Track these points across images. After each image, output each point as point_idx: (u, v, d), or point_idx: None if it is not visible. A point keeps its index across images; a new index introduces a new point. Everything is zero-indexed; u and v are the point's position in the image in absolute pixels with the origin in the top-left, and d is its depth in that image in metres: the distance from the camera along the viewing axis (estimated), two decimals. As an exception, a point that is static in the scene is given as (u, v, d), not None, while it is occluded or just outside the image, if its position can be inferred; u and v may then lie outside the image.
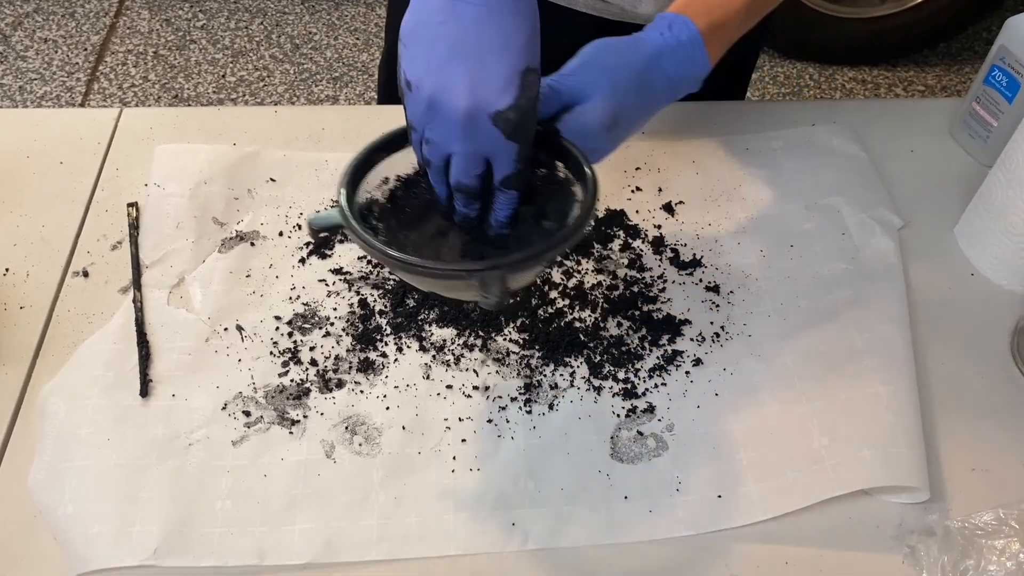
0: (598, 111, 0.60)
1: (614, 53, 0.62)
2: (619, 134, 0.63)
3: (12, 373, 0.68)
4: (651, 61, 0.62)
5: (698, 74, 0.65)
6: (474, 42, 0.53)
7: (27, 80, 2.19)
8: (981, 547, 0.54)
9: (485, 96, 0.53)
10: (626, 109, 0.62)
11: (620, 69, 0.61)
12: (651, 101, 0.64)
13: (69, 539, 0.59)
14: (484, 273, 0.54)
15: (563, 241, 0.55)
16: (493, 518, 0.61)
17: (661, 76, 0.63)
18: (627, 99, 0.61)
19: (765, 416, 0.66)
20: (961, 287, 0.76)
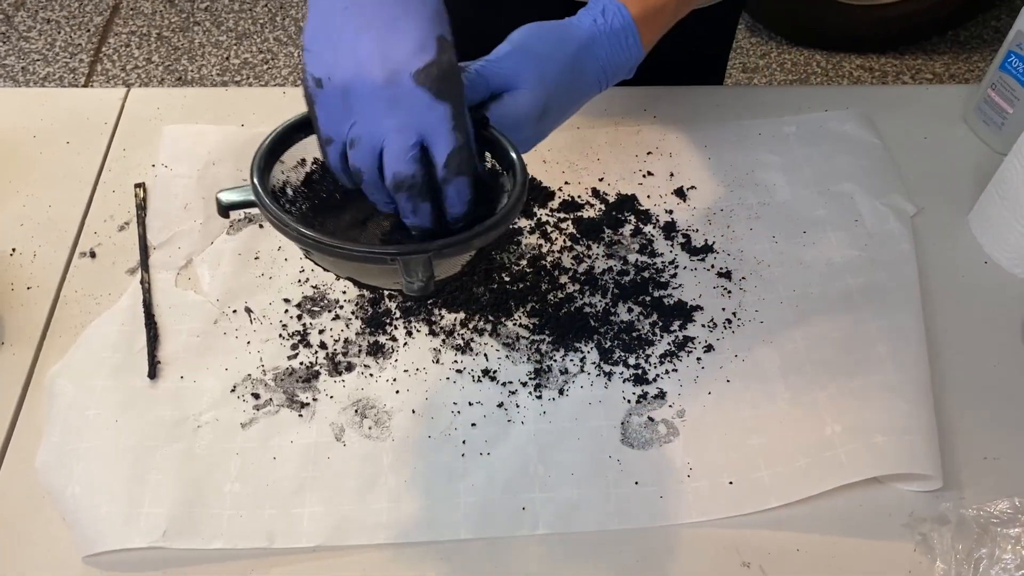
0: (528, 100, 0.58)
1: (545, 40, 0.60)
2: (549, 123, 0.61)
3: (19, 354, 0.68)
4: (583, 48, 0.60)
5: (631, 61, 0.63)
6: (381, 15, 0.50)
7: (30, 61, 2.18)
8: (995, 535, 0.54)
9: (401, 58, 0.49)
10: (556, 98, 0.60)
11: (551, 57, 0.59)
12: (582, 89, 0.62)
13: (77, 520, 0.58)
14: (408, 257, 0.50)
15: (490, 229, 0.52)
16: (503, 502, 0.60)
17: (593, 64, 0.61)
18: (557, 88, 0.59)
19: (777, 403, 0.65)
20: (974, 275, 0.75)
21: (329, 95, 0.50)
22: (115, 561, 0.57)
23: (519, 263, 0.74)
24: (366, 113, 0.50)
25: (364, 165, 0.51)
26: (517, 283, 0.72)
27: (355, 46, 0.50)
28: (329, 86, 0.50)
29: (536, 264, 0.74)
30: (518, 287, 0.72)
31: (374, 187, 0.52)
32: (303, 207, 0.57)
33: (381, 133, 0.50)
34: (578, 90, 0.62)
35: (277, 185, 0.56)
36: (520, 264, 0.74)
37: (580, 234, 0.76)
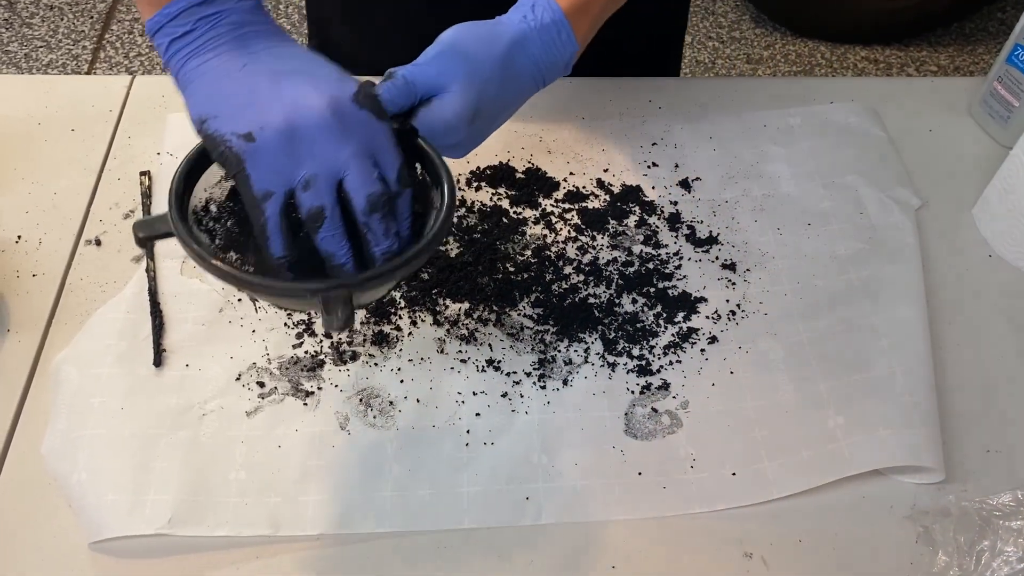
0: (456, 104, 0.57)
1: (473, 40, 0.58)
2: (483, 126, 0.60)
3: (25, 340, 0.68)
4: (513, 46, 0.59)
5: (565, 56, 0.62)
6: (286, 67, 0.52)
7: (33, 47, 2.18)
8: (997, 528, 0.54)
9: (334, 89, 0.51)
10: (487, 100, 0.58)
11: (480, 58, 0.58)
12: (517, 88, 0.61)
13: (83, 507, 0.59)
14: (328, 292, 0.48)
15: (415, 257, 0.51)
16: (507, 492, 0.61)
17: (526, 61, 0.60)
18: (488, 89, 0.58)
19: (780, 395, 0.66)
20: (978, 268, 0.75)
21: (266, 146, 0.49)
22: (121, 547, 0.58)
23: (523, 253, 0.74)
24: (318, 149, 0.50)
25: (325, 201, 0.50)
26: (522, 273, 0.72)
27: (279, 93, 0.50)
28: (264, 136, 0.49)
29: (541, 254, 0.74)
30: (523, 277, 0.72)
31: (334, 228, 0.51)
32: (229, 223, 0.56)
33: (340, 164, 0.50)
34: (512, 89, 0.60)
35: (199, 205, 0.55)
36: (525, 254, 0.74)
37: (585, 225, 0.76)
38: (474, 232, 0.75)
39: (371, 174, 0.51)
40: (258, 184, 0.50)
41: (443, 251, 0.74)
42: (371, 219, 0.51)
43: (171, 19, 0.53)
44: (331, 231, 0.51)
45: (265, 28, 0.55)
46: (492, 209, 0.77)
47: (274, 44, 0.55)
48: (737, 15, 2.35)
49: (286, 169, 0.50)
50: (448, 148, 0.60)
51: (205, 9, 0.53)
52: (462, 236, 0.75)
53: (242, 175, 0.50)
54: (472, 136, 0.60)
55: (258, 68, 0.52)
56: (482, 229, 0.75)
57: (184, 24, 0.53)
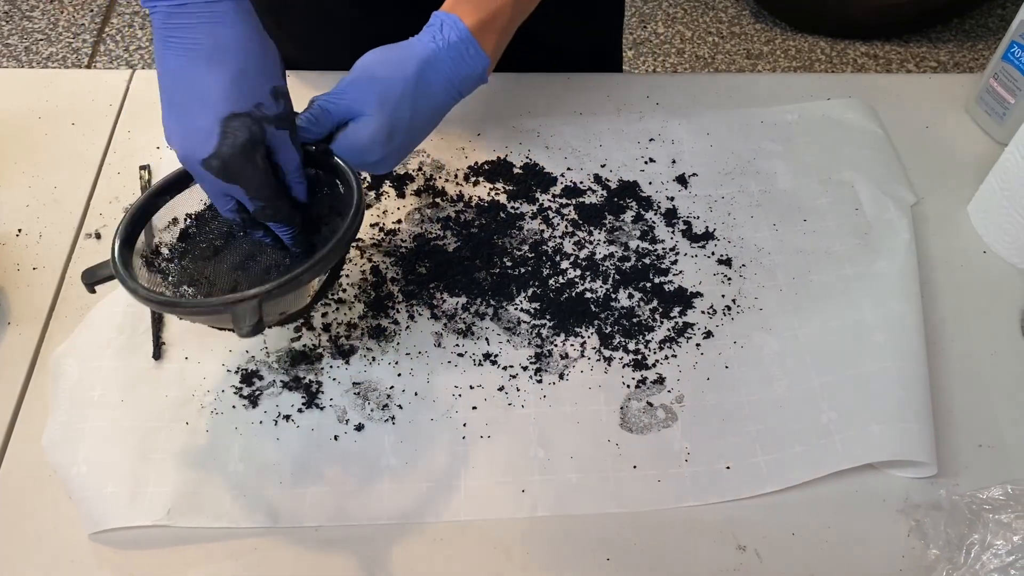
0: (370, 126, 0.62)
1: (385, 63, 0.63)
2: (401, 143, 0.64)
3: (26, 333, 0.68)
4: (424, 66, 0.63)
5: (478, 70, 0.65)
6: (180, 92, 0.57)
7: (33, 40, 2.18)
8: (987, 522, 0.55)
9: (192, 146, 0.56)
10: (402, 119, 0.63)
11: (390, 81, 0.62)
12: (431, 106, 0.65)
13: (83, 498, 0.59)
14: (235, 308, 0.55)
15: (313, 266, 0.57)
16: (503, 485, 0.61)
17: (438, 78, 0.64)
18: (401, 109, 0.62)
19: (774, 389, 0.66)
20: (973, 265, 0.76)
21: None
22: (121, 538, 0.58)
23: (521, 248, 0.74)
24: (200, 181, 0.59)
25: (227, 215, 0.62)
26: (519, 268, 0.73)
27: (167, 124, 0.58)
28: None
29: (538, 249, 0.74)
30: (520, 272, 0.73)
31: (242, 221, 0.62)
32: (186, 261, 0.65)
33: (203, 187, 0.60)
34: (427, 106, 0.64)
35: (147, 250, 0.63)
36: (522, 249, 0.74)
37: (582, 220, 0.77)
38: (472, 227, 0.75)
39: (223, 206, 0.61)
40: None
41: (441, 245, 0.74)
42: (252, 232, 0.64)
43: None
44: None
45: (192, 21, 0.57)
46: (490, 204, 0.77)
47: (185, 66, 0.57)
48: (737, 10, 2.35)
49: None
50: (370, 166, 0.65)
51: None
52: (459, 231, 0.75)
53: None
54: (392, 153, 0.65)
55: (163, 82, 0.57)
56: (480, 224, 0.76)
57: None
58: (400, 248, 0.74)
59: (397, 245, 0.74)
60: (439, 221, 0.76)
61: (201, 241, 0.66)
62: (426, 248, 0.74)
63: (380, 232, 0.75)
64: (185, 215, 0.66)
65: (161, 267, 0.63)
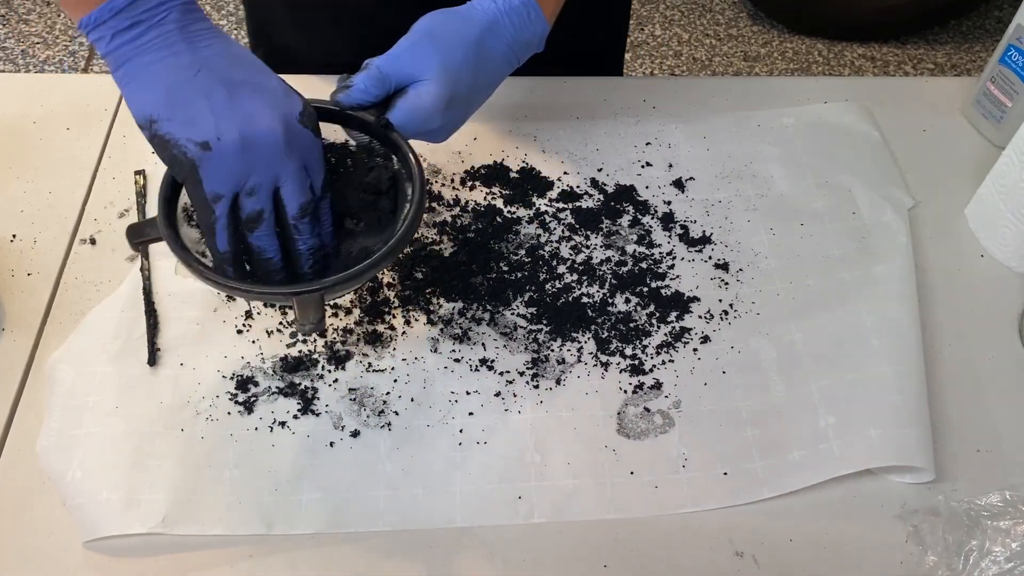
0: (431, 92, 0.59)
1: (447, 27, 0.61)
2: (460, 111, 0.62)
3: (20, 339, 0.68)
4: (486, 31, 0.61)
5: (537, 36, 0.64)
6: (238, 76, 0.54)
7: (30, 44, 2.17)
8: (986, 528, 0.55)
9: (284, 108, 0.54)
10: (463, 85, 0.61)
11: (453, 45, 0.60)
12: (492, 71, 0.63)
13: (78, 505, 0.59)
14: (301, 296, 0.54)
15: (383, 259, 0.56)
16: (499, 491, 0.61)
17: (500, 44, 0.62)
18: (463, 75, 0.60)
19: (772, 394, 0.66)
20: (970, 268, 0.76)
21: (221, 156, 0.53)
22: (116, 546, 0.58)
23: (517, 253, 0.74)
24: (266, 162, 0.54)
25: (265, 206, 0.56)
26: (515, 272, 0.73)
27: (235, 106, 0.53)
28: (220, 147, 0.53)
29: (534, 254, 0.74)
30: (516, 277, 0.72)
31: (268, 229, 0.57)
32: None
33: (281, 176, 0.55)
34: (487, 72, 0.63)
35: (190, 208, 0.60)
36: (518, 254, 0.74)
37: (578, 224, 0.77)
38: (468, 231, 0.75)
39: (305, 185, 0.56)
40: (209, 187, 0.54)
41: (437, 250, 0.74)
42: (301, 222, 0.57)
43: (116, 13, 0.54)
44: (266, 231, 0.56)
45: (207, 27, 0.56)
46: (486, 208, 0.77)
47: (221, 47, 0.56)
48: (734, 12, 2.35)
49: (236, 177, 0.54)
50: (427, 134, 0.63)
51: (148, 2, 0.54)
52: (456, 235, 0.75)
53: (194, 178, 0.54)
54: (450, 121, 0.62)
55: (212, 76, 0.54)
56: (476, 228, 0.76)
57: (129, 18, 0.54)
58: (396, 253, 0.74)
59: (393, 250, 0.74)
60: (435, 226, 0.76)
61: None
62: (422, 253, 0.74)
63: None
64: None
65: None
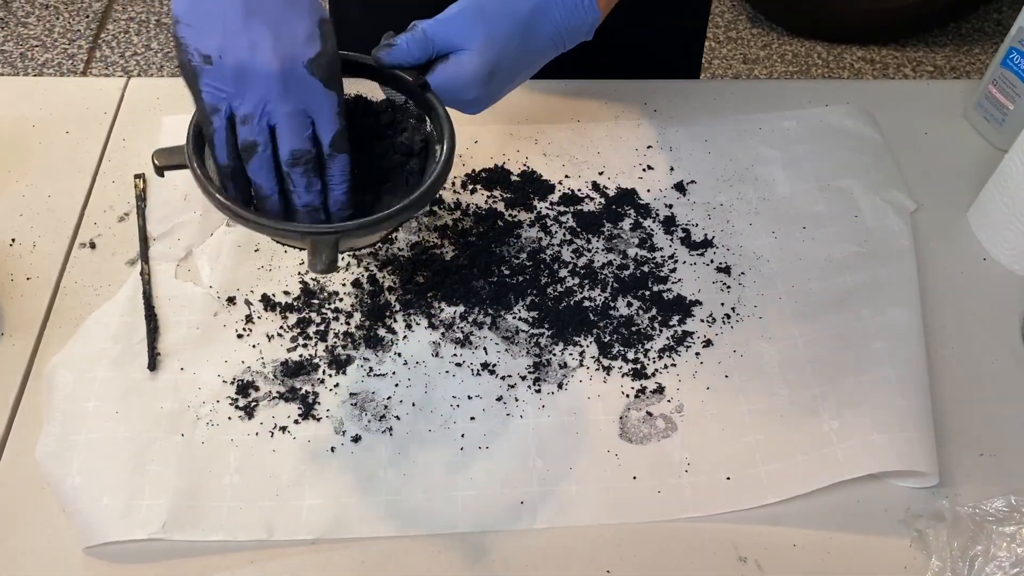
0: (473, 62, 0.60)
1: (496, 2, 0.61)
2: (498, 86, 0.62)
3: (19, 344, 0.68)
4: (536, 9, 0.61)
5: (587, 23, 0.64)
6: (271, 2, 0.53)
7: (28, 47, 2.17)
8: (991, 533, 0.54)
9: (294, 48, 0.53)
10: (506, 60, 0.61)
11: (501, 18, 0.60)
12: (536, 51, 0.63)
13: (78, 511, 0.59)
14: (317, 236, 0.54)
15: (401, 212, 0.55)
16: (502, 496, 0.61)
17: (548, 25, 0.62)
18: (507, 50, 0.61)
19: (775, 399, 0.66)
20: (973, 272, 0.75)
21: (219, 72, 0.52)
22: (115, 552, 0.58)
23: (519, 256, 0.74)
24: (259, 95, 0.53)
25: (260, 138, 0.54)
26: (517, 276, 0.72)
27: (245, 30, 0.52)
28: (220, 64, 0.52)
29: (536, 257, 0.74)
30: (518, 280, 0.72)
31: (263, 163, 0.55)
32: None
33: (274, 116, 0.54)
34: (531, 51, 0.63)
35: None
36: (520, 257, 0.74)
37: (580, 228, 0.76)
38: (469, 235, 0.75)
39: (301, 133, 0.54)
40: (208, 99, 0.54)
41: (438, 254, 0.74)
42: (293, 171, 0.55)
43: None
44: (260, 165, 0.55)
45: None
46: (487, 212, 0.77)
47: None
48: (734, 15, 2.35)
49: (231, 98, 0.53)
50: (463, 104, 0.63)
51: None
52: (457, 239, 0.75)
53: (195, 87, 0.54)
54: (488, 95, 0.63)
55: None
56: (477, 232, 0.75)
57: None
58: (397, 257, 0.74)
59: (394, 254, 0.74)
60: (436, 229, 0.75)
61: None
62: (423, 257, 0.73)
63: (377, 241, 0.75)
64: None
65: None
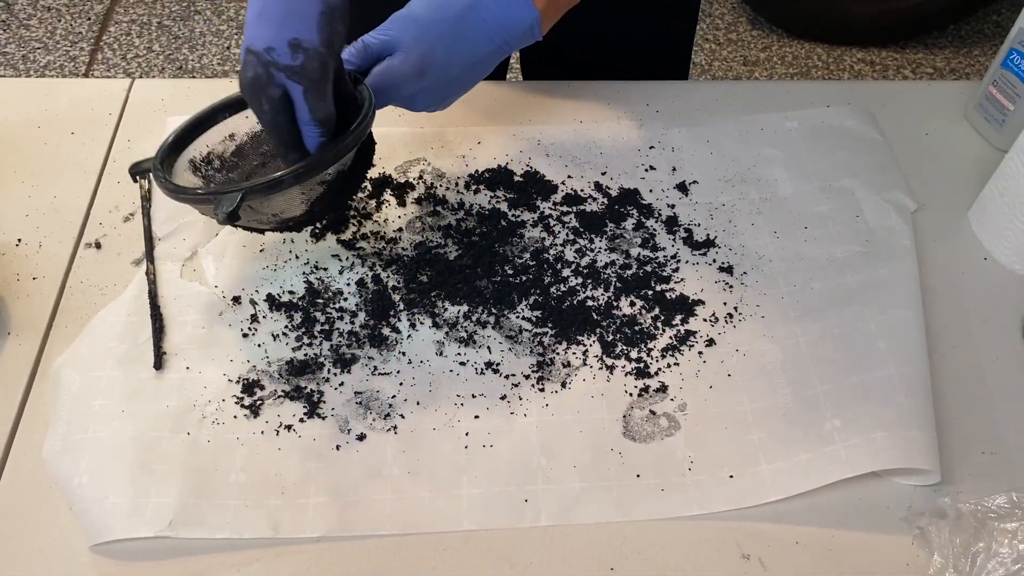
0: (400, 63, 0.66)
1: (429, 6, 0.67)
2: (436, 83, 0.68)
3: (26, 344, 0.68)
4: (467, 10, 0.66)
5: (524, 20, 0.68)
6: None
7: (30, 49, 2.17)
8: (992, 530, 0.55)
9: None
10: (435, 58, 0.66)
11: (430, 20, 0.66)
12: (472, 48, 0.68)
13: (85, 510, 0.59)
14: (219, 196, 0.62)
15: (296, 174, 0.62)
16: (506, 494, 0.61)
17: (479, 24, 0.67)
18: (435, 49, 0.66)
19: (777, 397, 0.66)
20: (974, 271, 0.76)
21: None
22: (122, 550, 0.58)
23: (522, 256, 0.74)
24: None
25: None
26: (520, 276, 0.73)
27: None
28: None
29: (539, 257, 0.74)
30: (521, 280, 0.72)
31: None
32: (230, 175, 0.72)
33: None
34: (467, 49, 0.68)
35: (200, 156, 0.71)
36: (523, 257, 0.74)
37: (583, 228, 0.77)
38: (472, 235, 0.75)
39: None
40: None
41: (442, 254, 0.74)
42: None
43: None
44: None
45: None
46: (491, 212, 0.77)
47: None
48: (734, 17, 2.35)
49: None
50: (405, 101, 0.69)
51: None
52: (460, 239, 0.75)
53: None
54: (428, 91, 0.68)
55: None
56: (480, 232, 0.76)
57: None
58: (402, 256, 0.74)
59: (398, 254, 0.74)
60: (440, 229, 0.76)
61: (253, 159, 0.73)
62: (427, 256, 0.74)
63: (381, 240, 0.75)
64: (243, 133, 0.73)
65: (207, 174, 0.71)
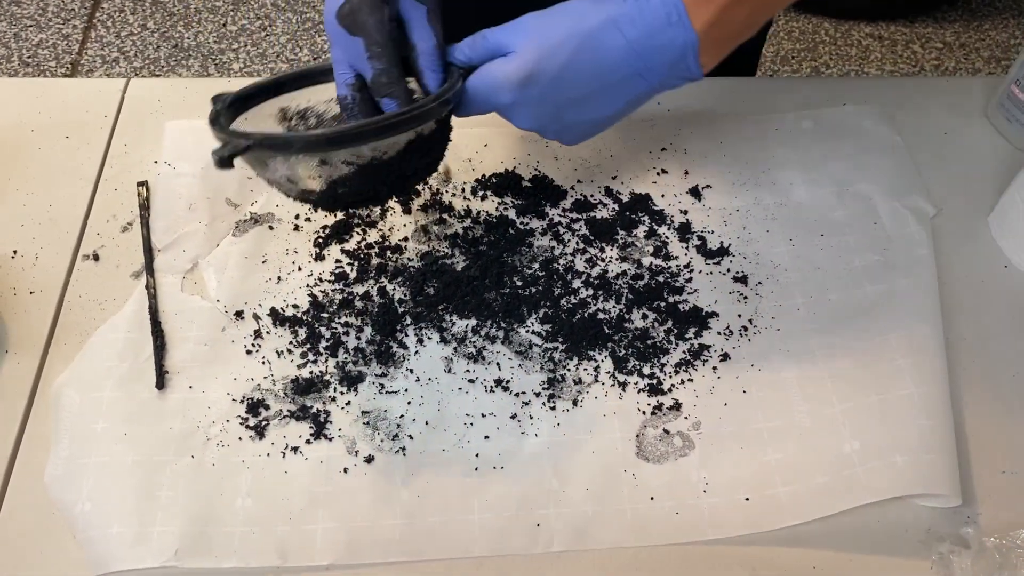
0: (508, 64, 0.60)
1: (564, 11, 0.60)
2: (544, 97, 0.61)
3: (24, 362, 0.66)
4: (606, 23, 0.59)
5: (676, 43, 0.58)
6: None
7: (22, 27, 2.13)
8: (1015, 563, 0.54)
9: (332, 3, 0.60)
10: (548, 68, 0.59)
11: (556, 27, 0.60)
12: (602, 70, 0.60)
13: (88, 538, 0.58)
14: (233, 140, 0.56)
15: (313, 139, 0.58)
16: (518, 519, 0.60)
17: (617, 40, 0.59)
18: (553, 57, 0.59)
19: (794, 416, 0.64)
20: (994, 279, 0.74)
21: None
22: (127, 580, 0.57)
23: (531, 266, 0.72)
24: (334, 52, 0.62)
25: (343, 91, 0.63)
26: (529, 287, 0.71)
27: None
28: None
29: (548, 267, 0.72)
30: (530, 292, 0.71)
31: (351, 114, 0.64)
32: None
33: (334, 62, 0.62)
34: (593, 68, 0.60)
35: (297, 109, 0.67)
36: (532, 267, 0.72)
37: (593, 235, 0.75)
38: (480, 244, 0.73)
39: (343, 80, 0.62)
40: None
41: (449, 264, 0.72)
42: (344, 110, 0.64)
43: None
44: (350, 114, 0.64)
45: None
46: (498, 220, 0.75)
47: None
48: (740, -10, 2.31)
49: None
50: (504, 110, 0.63)
51: None
52: (468, 248, 0.73)
53: None
54: (533, 104, 0.61)
55: None
56: (488, 241, 0.74)
57: None
58: (407, 268, 0.72)
59: (404, 264, 0.72)
60: (447, 238, 0.74)
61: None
62: (434, 267, 0.72)
63: (386, 250, 0.73)
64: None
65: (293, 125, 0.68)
